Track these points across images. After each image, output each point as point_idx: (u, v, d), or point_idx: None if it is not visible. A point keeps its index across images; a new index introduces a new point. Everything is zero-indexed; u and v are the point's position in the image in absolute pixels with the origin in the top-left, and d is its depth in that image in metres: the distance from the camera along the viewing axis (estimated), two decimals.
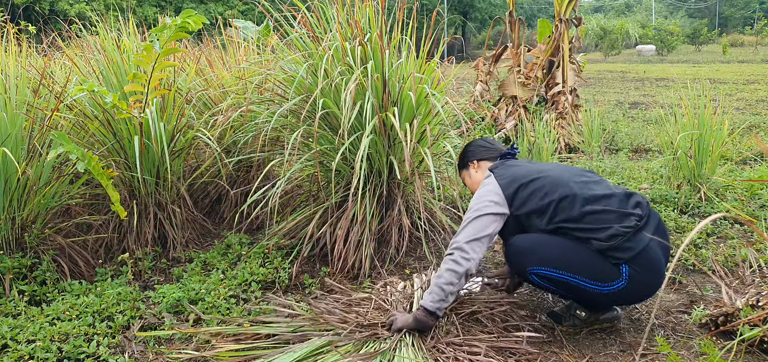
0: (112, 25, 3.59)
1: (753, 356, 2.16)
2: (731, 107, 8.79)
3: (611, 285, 2.14)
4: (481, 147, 2.64)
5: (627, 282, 2.13)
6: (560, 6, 6.70)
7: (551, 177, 2.26)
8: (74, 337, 2.32)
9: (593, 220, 2.15)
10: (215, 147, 3.32)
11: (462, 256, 2.20)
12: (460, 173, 2.71)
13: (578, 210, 2.16)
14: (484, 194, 2.31)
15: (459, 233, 2.26)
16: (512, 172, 2.35)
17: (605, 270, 2.14)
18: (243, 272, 2.91)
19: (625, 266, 2.12)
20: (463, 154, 2.68)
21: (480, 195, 2.31)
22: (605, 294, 2.17)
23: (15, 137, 2.85)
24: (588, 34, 31.58)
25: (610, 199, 2.19)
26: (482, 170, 2.58)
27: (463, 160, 2.67)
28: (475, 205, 2.28)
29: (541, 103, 7.10)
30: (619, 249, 2.11)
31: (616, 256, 2.12)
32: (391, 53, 3.00)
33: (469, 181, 2.65)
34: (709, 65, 19.81)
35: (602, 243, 2.12)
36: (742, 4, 52.15)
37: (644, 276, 2.13)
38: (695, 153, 4.03)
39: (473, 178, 2.61)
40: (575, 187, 2.21)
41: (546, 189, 2.23)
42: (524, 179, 2.28)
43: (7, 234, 2.87)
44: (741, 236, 3.41)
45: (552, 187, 2.22)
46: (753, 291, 2.44)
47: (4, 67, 2.97)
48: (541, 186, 2.24)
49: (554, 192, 2.21)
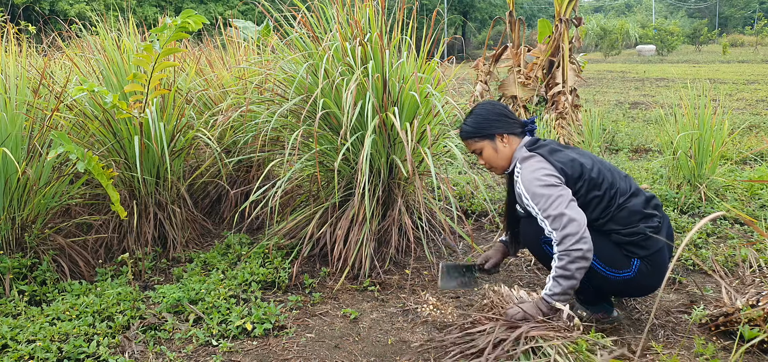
0: (112, 25, 3.59)
1: (753, 356, 2.16)
2: (731, 107, 8.79)
3: (618, 273, 2.22)
4: (507, 118, 2.39)
5: (634, 275, 2.21)
6: (560, 6, 6.70)
7: (597, 169, 2.26)
8: (74, 337, 2.32)
9: (623, 216, 2.22)
10: (215, 147, 3.32)
11: (573, 244, 2.09)
12: (477, 142, 2.39)
13: (615, 205, 2.22)
14: (542, 176, 2.19)
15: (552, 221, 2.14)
16: (558, 157, 2.25)
17: (616, 258, 2.22)
18: (243, 272, 2.91)
19: (637, 261, 2.21)
20: (483, 122, 2.37)
21: (539, 179, 2.19)
22: (610, 278, 2.23)
23: (15, 137, 2.85)
24: (588, 34, 31.59)
25: (638, 198, 2.25)
26: (510, 145, 2.37)
27: (484, 129, 2.37)
28: (545, 192, 2.16)
29: (541, 103, 7.10)
30: (637, 245, 2.20)
31: (633, 251, 2.20)
32: (391, 53, 3.01)
33: (490, 154, 2.38)
34: (709, 65, 19.81)
35: (623, 238, 2.20)
36: (742, 4, 52.15)
37: (651, 275, 2.22)
38: (695, 153, 4.03)
39: (499, 153, 2.37)
40: (618, 182, 2.26)
41: (596, 183, 2.22)
42: (575, 170, 2.22)
43: (7, 234, 2.87)
44: (741, 236, 3.41)
45: (600, 181, 2.23)
46: (753, 291, 2.43)
47: (4, 67, 2.97)
48: (592, 178, 2.22)
49: (602, 187, 2.22)
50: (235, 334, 2.43)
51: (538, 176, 2.20)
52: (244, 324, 2.47)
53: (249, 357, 2.30)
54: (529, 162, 2.29)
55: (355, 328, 2.53)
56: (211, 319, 2.50)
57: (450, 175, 3.82)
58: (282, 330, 2.49)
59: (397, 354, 2.32)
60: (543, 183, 2.18)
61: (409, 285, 2.93)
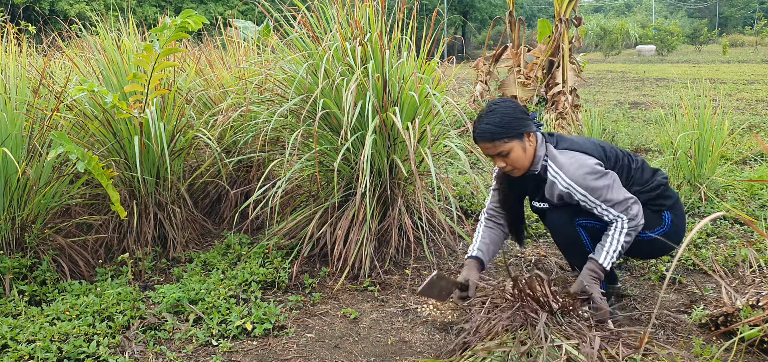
0: (112, 25, 3.59)
1: (753, 356, 2.16)
2: (731, 107, 8.79)
3: (655, 231, 2.38)
4: (528, 117, 2.35)
5: (669, 227, 2.39)
6: (560, 6, 6.70)
7: (606, 146, 2.39)
8: (74, 337, 2.32)
9: (642, 177, 2.40)
10: (215, 147, 3.32)
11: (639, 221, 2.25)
12: (505, 143, 2.27)
13: (632, 170, 2.39)
14: (593, 167, 2.25)
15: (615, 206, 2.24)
16: (585, 147, 2.34)
17: (650, 219, 2.35)
18: (243, 272, 2.91)
19: (667, 213, 2.39)
20: (511, 121, 2.26)
21: (591, 172, 2.24)
22: (648, 239, 2.38)
23: (15, 137, 2.85)
24: (588, 34, 31.60)
25: (639, 160, 2.47)
26: (532, 143, 2.33)
27: (514, 129, 2.27)
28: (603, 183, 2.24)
29: (541, 103, 7.11)
30: (662, 197, 2.39)
31: (661, 204, 2.39)
32: (391, 53, 3.01)
33: (519, 155, 2.30)
34: (709, 65, 19.81)
35: (649, 195, 2.36)
36: (742, 4, 52.16)
37: (680, 222, 2.43)
38: (695, 153, 4.03)
39: (527, 152, 2.31)
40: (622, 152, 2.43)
41: (616, 157, 2.38)
42: (602, 152, 2.35)
43: (7, 234, 2.87)
44: (741, 236, 3.41)
45: (615, 155, 2.38)
46: (753, 291, 2.43)
47: (4, 67, 2.97)
48: (610, 157, 2.35)
49: (620, 160, 2.38)
50: (235, 334, 2.43)
51: (588, 170, 2.26)
52: (244, 324, 2.47)
53: (249, 357, 2.30)
54: (564, 157, 2.31)
55: (355, 328, 2.53)
56: (211, 319, 2.50)
57: (450, 174, 3.82)
58: (282, 330, 2.49)
59: (397, 354, 2.32)
60: (597, 174, 2.25)
61: (409, 285, 2.93)
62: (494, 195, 2.62)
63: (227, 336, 2.42)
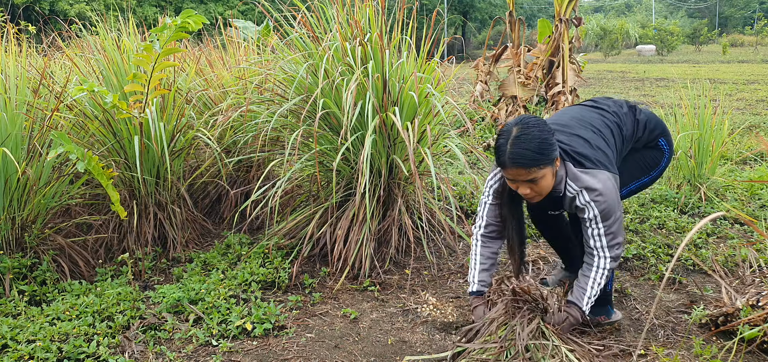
0: (112, 25, 3.59)
1: (753, 356, 2.16)
2: (731, 107, 8.79)
3: (658, 168, 2.45)
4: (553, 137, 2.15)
5: (668, 151, 2.44)
6: (560, 6, 6.70)
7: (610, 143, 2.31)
8: (74, 337, 2.32)
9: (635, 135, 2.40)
10: (215, 147, 3.32)
11: (613, 262, 2.21)
12: (541, 169, 2.05)
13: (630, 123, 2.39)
14: (615, 196, 2.15)
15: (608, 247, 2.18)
16: (597, 157, 2.20)
17: (648, 159, 2.43)
18: (243, 272, 2.91)
19: (662, 139, 2.42)
20: (547, 147, 2.04)
21: (615, 201, 2.14)
22: (656, 177, 2.47)
23: (15, 137, 2.85)
24: (588, 34, 31.60)
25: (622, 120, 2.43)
26: (557, 167, 2.14)
27: (550, 154, 2.06)
28: (618, 215, 2.16)
29: (541, 102, 7.11)
30: (652, 128, 2.40)
31: (655, 136, 2.41)
32: (391, 53, 3.01)
33: (548, 182, 2.10)
34: (709, 65, 19.81)
35: (646, 136, 2.39)
36: (742, 4, 52.15)
37: (669, 137, 2.46)
38: (695, 153, 4.03)
39: (556, 176, 2.14)
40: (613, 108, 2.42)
41: (619, 128, 2.35)
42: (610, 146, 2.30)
43: (7, 234, 2.87)
44: (741, 236, 3.42)
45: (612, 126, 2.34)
46: (753, 291, 2.43)
47: (4, 67, 2.97)
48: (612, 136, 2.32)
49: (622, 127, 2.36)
50: (235, 334, 2.43)
51: (615, 196, 2.13)
52: (244, 324, 2.47)
53: (249, 357, 2.30)
54: (593, 179, 2.12)
55: (355, 328, 2.53)
56: (211, 319, 2.50)
57: (450, 174, 3.82)
58: (282, 330, 2.49)
59: (397, 354, 2.32)
60: (618, 205, 2.15)
61: (409, 285, 2.93)
62: (491, 211, 2.38)
63: (227, 336, 2.42)
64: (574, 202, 2.18)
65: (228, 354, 2.31)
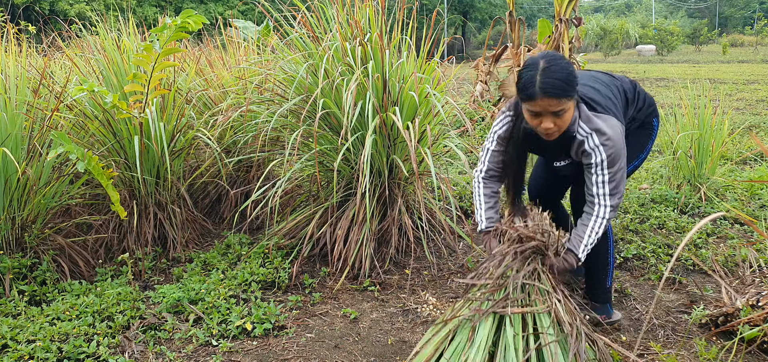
0: (112, 25, 3.59)
1: (753, 356, 2.16)
2: (731, 107, 8.79)
3: (649, 147, 2.51)
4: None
5: (656, 130, 2.52)
6: (560, 6, 6.70)
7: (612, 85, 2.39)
8: (74, 337, 2.32)
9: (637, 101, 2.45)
10: (215, 147, 3.32)
11: (611, 212, 2.20)
12: (568, 101, 2.04)
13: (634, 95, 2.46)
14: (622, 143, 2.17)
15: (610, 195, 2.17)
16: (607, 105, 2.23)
17: (642, 139, 2.48)
18: (243, 272, 2.91)
19: (655, 120, 2.50)
20: (573, 78, 2.04)
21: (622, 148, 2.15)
22: (644, 159, 2.52)
23: (15, 137, 2.85)
24: (588, 34, 31.59)
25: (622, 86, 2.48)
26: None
27: (575, 86, 2.06)
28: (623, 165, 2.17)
29: None
30: (647, 104, 2.46)
31: (650, 110, 2.48)
32: (391, 53, 3.01)
33: (569, 116, 2.09)
34: (709, 65, 19.81)
35: (644, 110, 2.44)
36: (742, 4, 52.15)
37: (657, 119, 2.54)
38: (695, 153, 4.03)
39: (571, 113, 2.12)
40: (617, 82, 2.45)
41: (623, 92, 2.40)
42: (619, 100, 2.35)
43: (7, 234, 2.87)
44: (741, 236, 3.42)
45: (619, 91, 2.39)
46: (753, 291, 2.44)
47: (4, 67, 2.97)
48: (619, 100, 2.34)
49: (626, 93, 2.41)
50: (235, 334, 2.43)
51: (622, 143, 2.14)
52: (244, 324, 2.47)
53: (249, 357, 2.30)
54: (604, 123, 2.13)
55: (355, 328, 2.53)
56: (211, 319, 2.50)
57: (450, 174, 3.82)
58: (282, 330, 2.49)
59: (397, 354, 2.32)
60: (625, 153, 2.17)
61: (409, 285, 2.93)
62: (494, 156, 2.39)
63: (227, 336, 2.42)
64: (582, 146, 2.17)
65: (228, 354, 2.31)
